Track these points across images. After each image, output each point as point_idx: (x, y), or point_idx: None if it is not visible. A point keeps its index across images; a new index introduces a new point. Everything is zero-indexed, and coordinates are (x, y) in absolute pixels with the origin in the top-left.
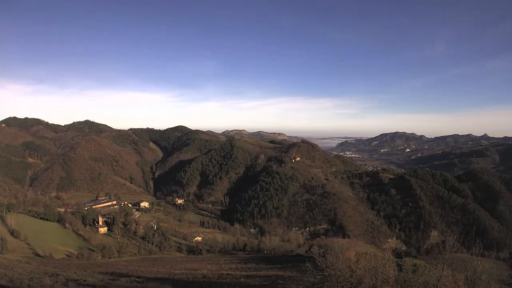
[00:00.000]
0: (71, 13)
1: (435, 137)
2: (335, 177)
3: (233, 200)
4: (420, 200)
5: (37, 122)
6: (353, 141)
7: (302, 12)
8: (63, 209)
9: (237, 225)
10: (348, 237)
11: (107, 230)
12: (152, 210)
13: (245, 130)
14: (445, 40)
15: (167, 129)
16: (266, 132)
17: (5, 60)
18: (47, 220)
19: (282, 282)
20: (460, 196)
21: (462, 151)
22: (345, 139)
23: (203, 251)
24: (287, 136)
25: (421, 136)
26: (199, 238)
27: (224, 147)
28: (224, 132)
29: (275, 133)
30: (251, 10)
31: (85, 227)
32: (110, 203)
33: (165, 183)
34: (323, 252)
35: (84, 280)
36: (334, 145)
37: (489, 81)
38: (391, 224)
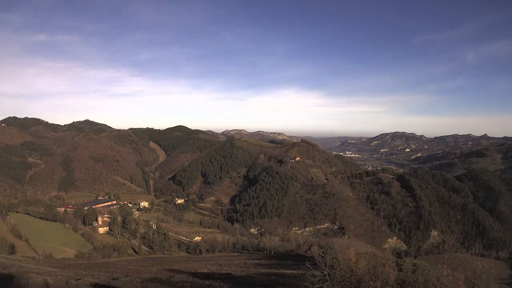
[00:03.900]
0: (71, 12)
1: (435, 137)
2: (335, 177)
3: (233, 199)
4: (420, 200)
5: (37, 122)
6: (353, 141)
7: (302, 11)
8: (63, 209)
9: (237, 225)
10: (348, 237)
11: (107, 230)
12: (152, 210)
13: (245, 130)
14: (446, 40)
15: (167, 129)
16: (266, 132)
17: (5, 60)
18: (47, 220)
19: (281, 281)
20: (460, 196)
21: (462, 151)
22: (345, 139)
23: (203, 250)
24: (287, 136)
25: (421, 136)
26: (199, 238)
27: (224, 147)
28: (224, 132)
29: (275, 133)
30: (251, 9)
31: (85, 227)
32: (110, 203)
33: (165, 182)
34: (323, 252)
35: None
36: (334, 145)
37: (489, 81)
38: (391, 224)
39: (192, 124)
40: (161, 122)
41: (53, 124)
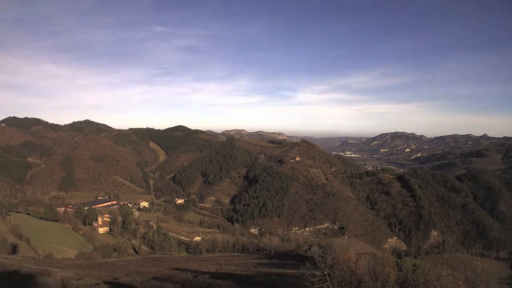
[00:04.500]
0: (70, 12)
1: (435, 137)
2: (335, 177)
3: (233, 200)
4: (420, 200)
5: (37, 122)
6: (353, 141)
7: (303, 10)
8: (63, 209)
9: (237, 225)
10: (348, 237)
11: (107, 230)
12: (152, 210)
13: (244, 130)
14: (446, 39)
15: (167, 129)
16: (266, 132)
17: (5, 59)
18: (47, 220)
19: (281, 281)
20: (460, 196)
21: (462, 151)
22: (345, 139)
23: (203, 251)
24: (287, 136)
25: (421, 136)
26: (199, 238)
27: (224, 147)
28: (224, 132)
29: (275, 133)
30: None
31: (85, 227)
32: (110, 203)
33: (165, 182)
34: (323, 252)
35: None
36: (334, 145)
37: (489, 81)
38: (391, 224)
39: (192, 124)
40: (161, 122)
41: (53, 124)
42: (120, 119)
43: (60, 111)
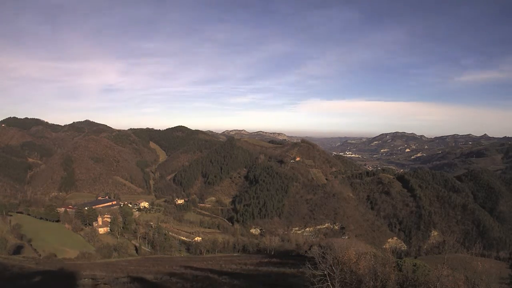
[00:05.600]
0: (69, 12)
1: (435, 137)
2: (335, 177)
3: (233, 200)
4: (420, 200)
5: (37, 122)
6: (353, 141)
7: (306, 11)
8: (63, 209)
9: (237, 225)
10: (348, 237)
11: (108, 230)
12: (152, 210)
13: (245, 130)
14: (444, 39)
15: (167, 129)
16: (266, 132)
17: (5, 59)
18: (47, 220)
19: (282, 281)
20: (460, 196)
21: (462, 151)
22: (345, 139)
23: (203, 251)
24: (287, 136)
25: (421, 136)
26: (199, 238)
27: (224, 147)
28: (224, 132)
29: (275, 133)
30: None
31: (85, 227)
32: (110, 203)
33: (165, 183)
34: (323, 252)
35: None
36: (334, 145)
37: (489, 81)
38: (391, 224)
39: (192, 124)
40: (161, 122)
41: (53, 124)
42: (120, 119)
43: (60, 111)
